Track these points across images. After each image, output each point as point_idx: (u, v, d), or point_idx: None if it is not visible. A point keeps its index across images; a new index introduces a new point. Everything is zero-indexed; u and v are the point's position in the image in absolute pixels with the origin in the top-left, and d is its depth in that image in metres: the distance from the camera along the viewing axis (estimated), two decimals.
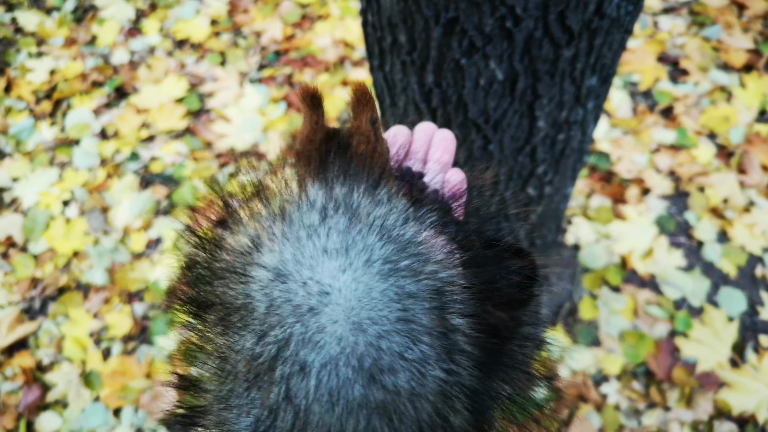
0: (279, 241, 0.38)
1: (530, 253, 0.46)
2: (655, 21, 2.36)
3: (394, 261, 0.37)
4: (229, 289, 0.38)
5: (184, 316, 0.40)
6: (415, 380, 0.35)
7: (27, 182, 2.16)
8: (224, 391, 0.37)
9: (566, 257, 1.79)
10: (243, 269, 0.38)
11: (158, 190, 2.09)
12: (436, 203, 0.44)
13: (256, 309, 0.36)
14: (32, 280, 1.95)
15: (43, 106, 2.39)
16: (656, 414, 1.54)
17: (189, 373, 0.39)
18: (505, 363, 0.39)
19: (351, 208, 0.39)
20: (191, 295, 0.40)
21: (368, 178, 0.41)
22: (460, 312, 0.37)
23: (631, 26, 0.90)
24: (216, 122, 2.25)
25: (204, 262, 0.40)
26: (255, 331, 0.36)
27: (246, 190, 0.42)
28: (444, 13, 0.81)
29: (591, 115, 1.04)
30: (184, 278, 0.41)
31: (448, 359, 0.36)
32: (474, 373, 0.37)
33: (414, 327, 0.36)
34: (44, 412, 1.71)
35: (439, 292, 0.37)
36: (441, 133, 0.56)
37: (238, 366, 0.36)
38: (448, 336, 0.36)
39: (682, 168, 1.94)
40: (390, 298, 0.36)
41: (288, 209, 0.39)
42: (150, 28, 2.62)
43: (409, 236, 0.39)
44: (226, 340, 0.37)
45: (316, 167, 0.42)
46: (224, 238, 0.40)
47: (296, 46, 2.46)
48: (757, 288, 1.71)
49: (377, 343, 0.35)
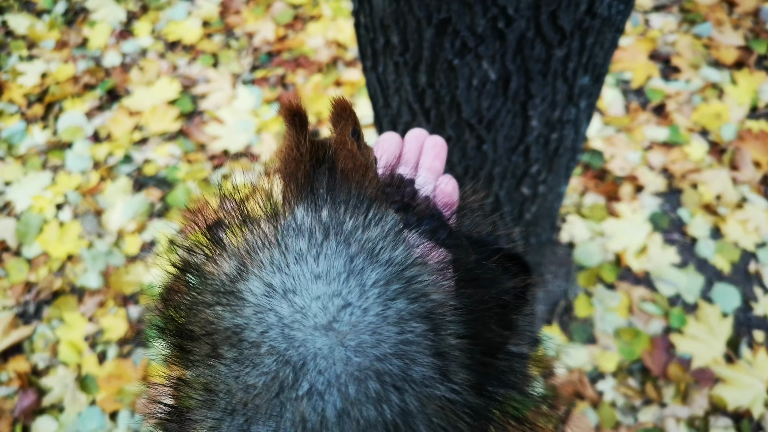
0: (267, 269, 0.37)
1: (524, 258, 0.46)
2: (647, 19, 2.37)
3: (386, 284, 0.37)
4: (217, 318, 0.37)
5: (169, 350, 0.39)
6: (416, 399, 0.34)
7: (20, 186, 2.15)
8: (212, 421, 0.36)
9: (561, 255, 1.80)
10: (230, 297, 0.37)
11: (152, 193, 2.08)
12: (428, 210, 0.44)
13: (245, 339, 0.35)
14: (26, 284, 1.94)
15: (34, 109, 2.38)
16: (652, 410, 1.55)
17: (175, 402, 0.38)
18: (502, 368, 0.39)
19: (339, 231, 0.38)
20: (176, 327, 0.39)
21: (356, 197, 0.40)
22: (454, 330, 0.37)
23: (622, 25, 0.91)
24: (209, 124, 2.24)
25: (192, 286, 0.40)
26: (245, 362, 0.35)
27: (233, 214, 0.41)
28: (436, 13, 0.81)
29: (584, 114, 1.05)
30: (175, 287, 0.41)
31: (446, 377, 0.36)
32: (472, 383, 0.36)
33: (411, 348, 0.35)
34: (40, 416, 1.70)
35: (433, 312, 0.37)
36: (432, 140, 0.55)
37: (227, 397, 0.36)
38: (444, 354, 0.36)
39: (674, 165, 1.95)
40: (384, 321, 0.36)
41: (275, 234, 0.38)
42: (141, 30, 2.62)
43: (400, 258, 0.38)
44: (213, 372, 0.36)
45: (302, 187, 0.41)
46: (209, 264, 0.40)
47: (289, 47, 2.46)
48: (750, 284, 1.72)
49: (376, 367, 0.34)
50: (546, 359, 0.42)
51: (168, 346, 0.39)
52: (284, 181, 0.42)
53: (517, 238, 1.32)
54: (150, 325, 0.40)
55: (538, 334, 0.44)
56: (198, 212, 0.42)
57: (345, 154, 0.42)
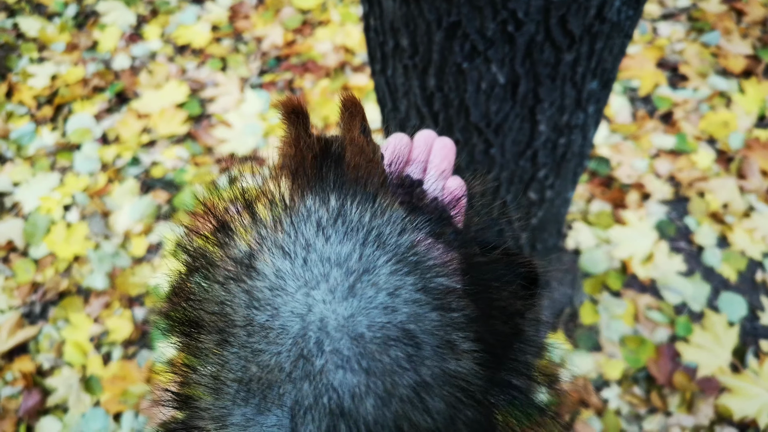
0: (276, 255, 0.38)
1: (531, 258, 0.46)
2: (654, 27, 2.37)
3: (395, 266, 0.37)
4: (226, 304, 0.37)
5: (176, 337, 0.39)
6: (430, 372, 0.35)
7: (28, 187, 2.16)
8: (219, 409, 0.36)
9: (567, 262, 1.80)
10: (240, 283, 0.37)
11: (159, 195, 2.09)
12: (435, 211, 0.45)
13: (255, 323, 0.36)
14: (33, 284, 1.95)
15: (44, 111, 2.40)
16: (657, 419, 1.54)
17: (182, 390, 0.39)
18: (507, 369, 0.39)
19: (347, 219, 0.39)
20: (183, 315, 0.39)
21: (364, 189, 0.41)
22: (460, 321, 0.37)
23: (631, 30, 0.91)
24: (217, 127, 2.25)
25: (200, 274, 0.40)
26: (255, 346, 0.36)
27: (243, 203, 0.42)
28: (446, 17, 0.81)
29: (592, 119, 1.05)
30: (182, 284, 0.41)
31: (457, 353, 0.36)
32: (478, 379, 0.37)
33: (422, 326, 0.36)
34: (44, 416, 1.70)
35: (439, 297, 0.37)
36: (441, 141, 0.56)
37: (235, 385, 0.36)
38: (450, 344, 0.36)
39: (681, 173, 1.94)
40: (394, 300, 0.36)
41: (283, 222, 0.39)
42: (151, 33, 2.63)
43: (406, 245, 0.39)
44: (222, 360, 0.37)
45: (307, 178, 0.41)
46: (218, 251, 0.40)
47: (297, 52, 2.47)
48: (757, 293, 1.71)
49: (388, 343, 0.35)
50: (551, 366, 0.42)
51: (175, 336, 0.40)
52: (291, 173, 0.42)
53: (524, 244, 1.32)
54: (158, 316, 0.41)
55: (543, 339, 0.44)
56: (207, 211, 0.42)
57: (353, 148, 0.43)
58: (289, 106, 0.44)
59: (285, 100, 0.44)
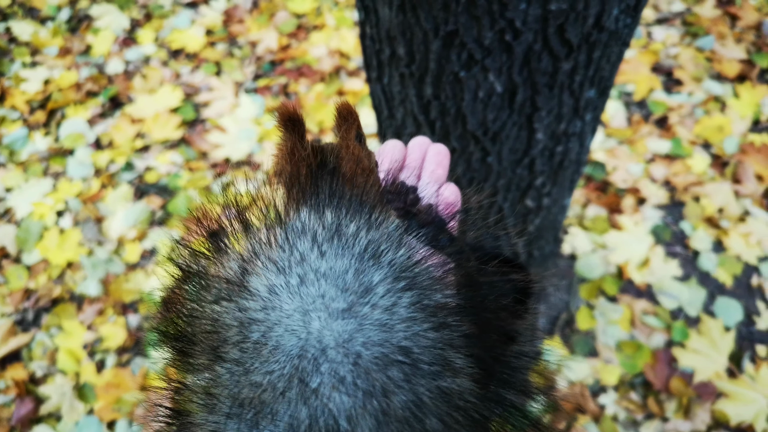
0: (270, 270, 0.37)
1: (526, 267, 0.46)
2: (649, 31, 2.37)
3: (391, 283, 0.37)
4: (220, 319, 0.37)
5: (168, 352, 0.39)
6: (427, 391, 0.34)
7: (20, 192, 2.15)
8: (212, 424, 0.36)
9: (563, 267, 1.79)
10: (234, 298, 0.37)
11: (153, 201, 2.08)
12: (430, 218, 0.44)
13: (249, 338, 0.35)
14: (25, 291, 1.93)
15: (37, 115, 2.38)
16: (654, 425, 1.54)
17: (175, 405, 0.38)
18: (501, 384, 0.39)
19: (342, 233, 0.38)
20: (176, 331, 0.39)
21: (360, 203, 0.40)
22: (458, 328, 0.37)
23: (629, 39, 0.91)
24: (211, 132, 2.24)
25: (192, 288, 0.39)
26: (249, 362, 0.35)
27: (236, 211, 0.41)
28: (443, 25, 0.81)
29: (589, 126, 1.04)
30: (174, 297, 0.40)
31: (453, 371, 0.36)
32: (473, 397, 0.36)
33: (418, 343, 0.35)
34: (37, 425, 1.68)
35: (435, 314, 0.37)
36: (435, 148, 0.55)
37: (228, 401, 0.35)
38: (446, 362, 0.36)
39: (677, 178, 1.95)
40: (391, 317, 0.36)
41: (278, 236, 0.39)
42: (145, 38, 2.62)
43: (402, 260, 0.38)
44: (215, 375, 0.36)
45: (302, 191, 0.41)
46: (212, 265, 0.39)
47: (292, 56, 2.46)
48: (753, 297, 1.71)
49: (385, 361, 0.34)
50: (547, 372, 0.42)
51: (168, 351, 0.39)
52: (286, 185, 0.42)
53: (521, 250, 1.31)
54: (151, 330, 0.40)
55: (539, 346, 0.44)
56: (200, 219, 0.42)
57: (348, 157, 0.42)
58: (284, 114, 0.43)
59: (280, 108, 0.43)
